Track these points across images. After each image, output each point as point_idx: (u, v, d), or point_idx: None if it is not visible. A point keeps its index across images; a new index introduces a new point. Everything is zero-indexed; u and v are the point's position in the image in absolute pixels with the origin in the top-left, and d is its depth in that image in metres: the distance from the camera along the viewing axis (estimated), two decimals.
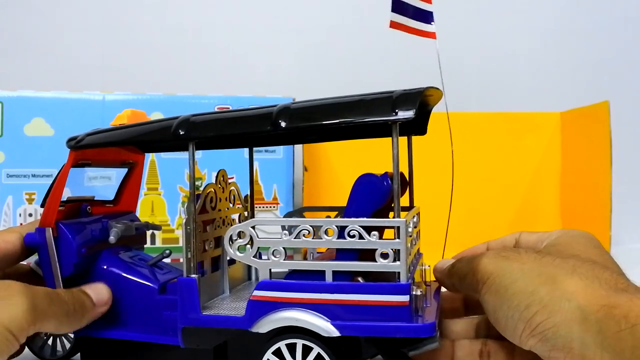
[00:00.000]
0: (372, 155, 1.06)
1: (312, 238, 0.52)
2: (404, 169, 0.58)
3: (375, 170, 0.55)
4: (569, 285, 0.49)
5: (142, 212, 1.02)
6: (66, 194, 0.95)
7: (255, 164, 1.04)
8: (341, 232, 0.51)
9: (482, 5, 1.44)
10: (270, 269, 0.52)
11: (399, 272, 0.50)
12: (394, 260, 0.49)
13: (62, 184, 0.59)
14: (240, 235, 0.53)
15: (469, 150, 1.04)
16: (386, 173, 0.54)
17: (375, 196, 0.52)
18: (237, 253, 0.53)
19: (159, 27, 1.40)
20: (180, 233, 1.01)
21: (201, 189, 0.59)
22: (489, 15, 1.44)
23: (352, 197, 0.52)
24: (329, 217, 0.60)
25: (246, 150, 0.75)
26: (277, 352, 0.51)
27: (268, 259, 0.52)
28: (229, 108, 1.03)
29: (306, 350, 0.50)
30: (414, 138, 0.64)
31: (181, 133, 0.54)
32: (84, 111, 1.01)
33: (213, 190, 0.60)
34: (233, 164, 1.02)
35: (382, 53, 1.41)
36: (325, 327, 0.50)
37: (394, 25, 0.66)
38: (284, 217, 0.68)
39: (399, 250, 0.49)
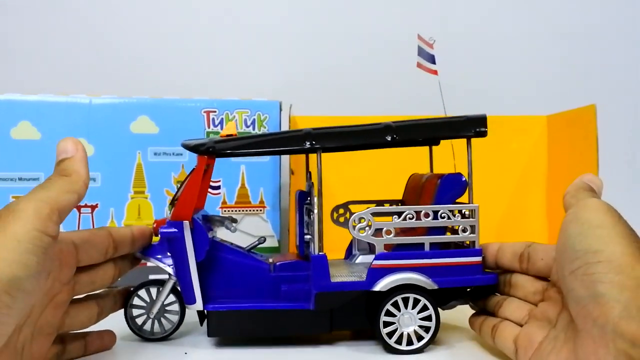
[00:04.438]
0: (352, 160, 1.15)
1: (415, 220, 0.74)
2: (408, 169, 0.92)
3: (357, 171, 1.04)
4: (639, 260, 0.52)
5: (129, 216, 1.07)
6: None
7: (242, 168, 1.10)
8: (435, 214, 0.73)
9: (468, 9, 1.50)
10: (384, 244, 0.73)
11: (474, 241, 0.74)
12: (471, 233, 0.74)
13: (197, 184, 0.73)
14: (360, 220, 0.73)
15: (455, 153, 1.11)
16: (460, 174, 0.76)
17: (458, 190, 0.76)
18: (359, 234, 0.73)
19: (145, 30, 1.45)
20: None
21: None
22: (475, 19, 1.50)
23: (440, 190, 0.75)
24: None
25: None
26: (392, 305, 0.72)
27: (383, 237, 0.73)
28: (215, 111, 1.09)
29: (414, 302, 0.72)
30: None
31: (313, 143, 0.73)
32: (71, 114, 1.05)
33: None
34: (219, 168, 1.08)
35: (369, 57, 1.47)
36: (428, 282, 0.72)
37: (419, 66, 0.87)
38: (332, 210, 0.92)
39: (473, 225, 0.74)
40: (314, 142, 0.73)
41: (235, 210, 1.10)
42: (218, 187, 1.10)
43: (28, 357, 0.61)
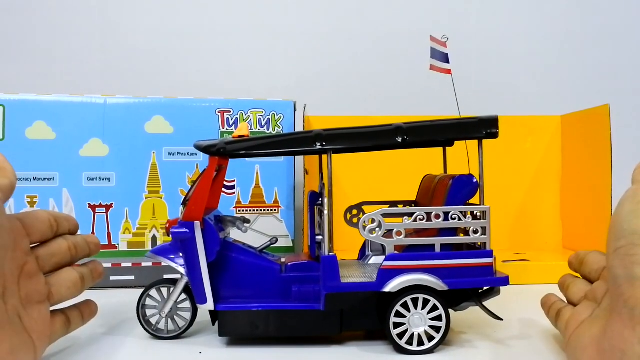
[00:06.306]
0: (367, 160, 1.14)
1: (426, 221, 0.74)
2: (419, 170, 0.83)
3: (372, 171, 1.00)
4: None
5: (144, 215, 1.08)
6: (65, 194, 1.03)
7: (257, 167, 1.11)
8: (446, 216, 0.74)
9: (481, 9, 1.51)
10: (394, 245, 0.73)
11: (485, 243, 0.74)
12: (482, 235, 0.74)
13: (208, 185, 0.74)
14: (370, 221, 0.74)
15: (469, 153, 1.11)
16: (472, 175, 0.76)
17: (469, 191, 0.75)
18: (369, 234, 0.73)
19: (160, 30, 1.47)
20: None
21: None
22: (489, 19, 1.51)
23: (452, 191, 0.76)
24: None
25: None
26: (401, 306, 0.73)
27: (393, 238, 0.74)
28: (230, 111, 1.10)
29: (424, 302, 0.73)
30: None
31: (324, 144, 0.74)
32: (86, 115, 1.06)
33: None
34: (233, 168, 1.09)
35: (381, 56, 1.48)
36: (439, 284, 0.72)
37: (432, 68, 0.86)
38: (346, 210, 0.92)
39: (484, 227, 0.74)
40: (324, 144, 0.73)
41: (250, 210, 1.11)
42: (232, 187, 1.11)
43: (31, 324, 0.64)
